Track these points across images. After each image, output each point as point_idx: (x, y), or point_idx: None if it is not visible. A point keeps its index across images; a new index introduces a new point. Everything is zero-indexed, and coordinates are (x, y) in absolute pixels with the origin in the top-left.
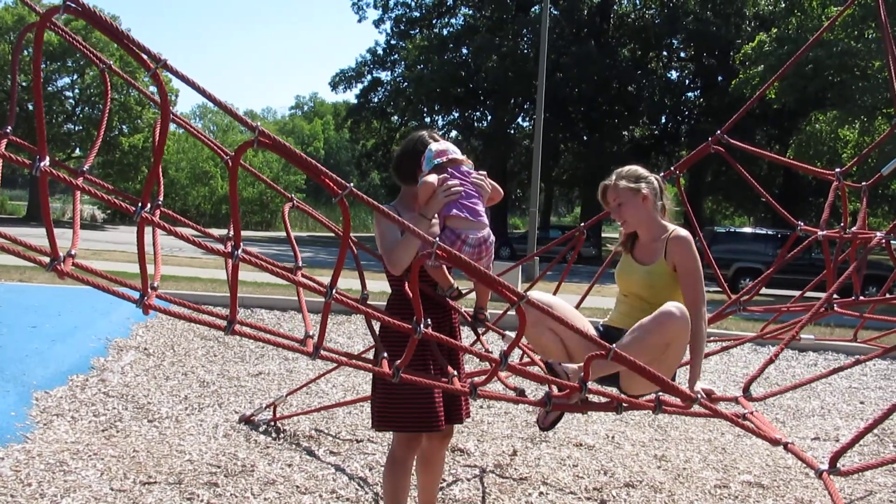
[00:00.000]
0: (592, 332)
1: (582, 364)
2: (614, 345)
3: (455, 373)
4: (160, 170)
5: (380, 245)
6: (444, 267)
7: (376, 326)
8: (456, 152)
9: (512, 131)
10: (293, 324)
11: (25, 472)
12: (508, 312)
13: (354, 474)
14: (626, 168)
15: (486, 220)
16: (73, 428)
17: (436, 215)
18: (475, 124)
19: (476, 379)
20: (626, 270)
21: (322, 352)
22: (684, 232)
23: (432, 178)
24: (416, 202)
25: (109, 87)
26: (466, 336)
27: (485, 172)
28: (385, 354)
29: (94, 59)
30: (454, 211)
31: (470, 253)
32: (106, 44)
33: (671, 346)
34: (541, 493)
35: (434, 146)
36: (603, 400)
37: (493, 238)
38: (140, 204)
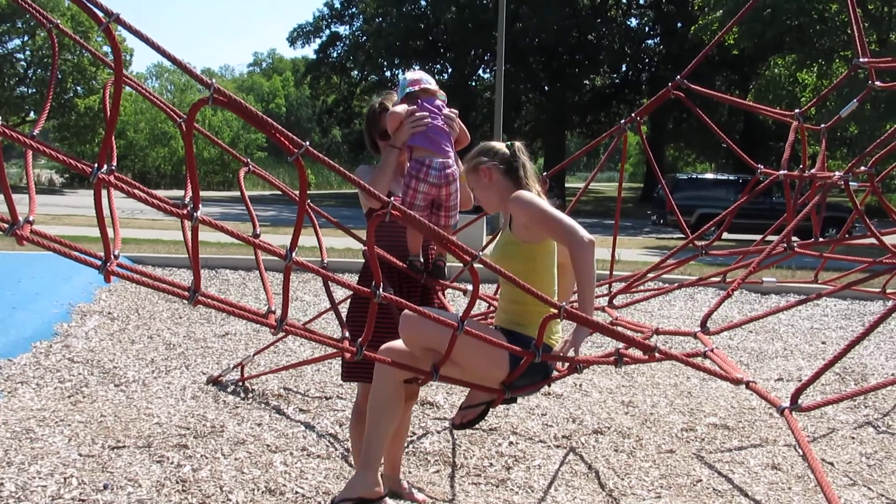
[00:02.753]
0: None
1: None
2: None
3: None
4: (113, 132)
5: (363, 201)
6: (416, 234)
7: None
8: (430, 82)
9: (473, 84)
10: (258, 283)
11: None
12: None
13: (324, 431)
14: (480, 145)
15: (451, 154)
16: (39, 395)
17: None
18: (435, 77)
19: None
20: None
21: (286, 326)
22: (517, 192)
23: (400, 108)
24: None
25: (57, 48)
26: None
27: (456, 111)
28: (347, 334)
29: (41, 19)
30: (419, 142)
31: (437, 176)
32: (56, 3)
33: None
34: (511, 442)
35: (408, 74)
36: (563, 366)
37: (457, 171)
38: (96, 165)
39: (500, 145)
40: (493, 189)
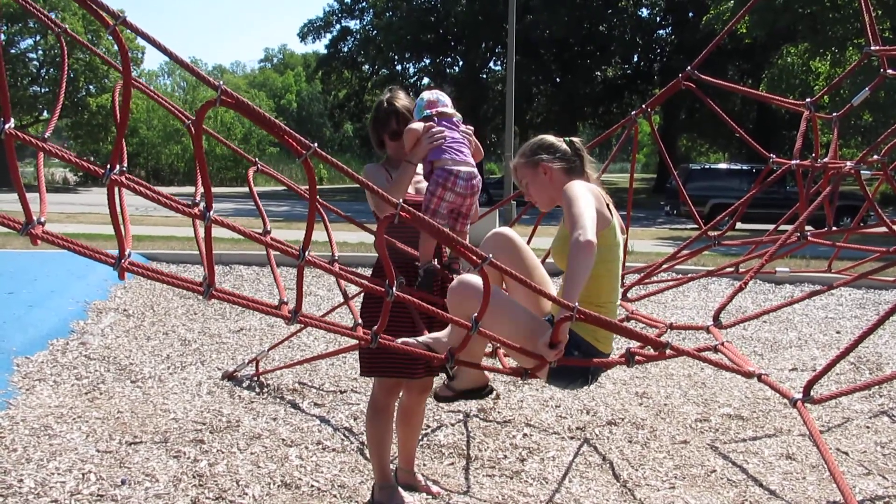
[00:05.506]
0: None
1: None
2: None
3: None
4: (124, 134)
5: (369, 199)
6: (431, 240)
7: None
8: (446, 105)
9: (484, 76)
10: (272, 279)
11: (10, 437)
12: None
13: (339, 425)
14: (529, 141)
15: (473, 163)
16: (56, 392)
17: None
18: (447, 70)
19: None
20: None
21: (300, 317)
22: (568, 183)
23: (418, 125)
24: (402, 158)
25: (69, 48)
26: None
27: (471, 128)
28: (360, 322)
29: (49, 24)
30: (439, 155)
31: (464, 186)
32: (67, 2)
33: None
34: (525, 434)
35: (426, 96)
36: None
37: (479, 179)
38: (109, 166)
39: (558, 142)
40: (550, 186)
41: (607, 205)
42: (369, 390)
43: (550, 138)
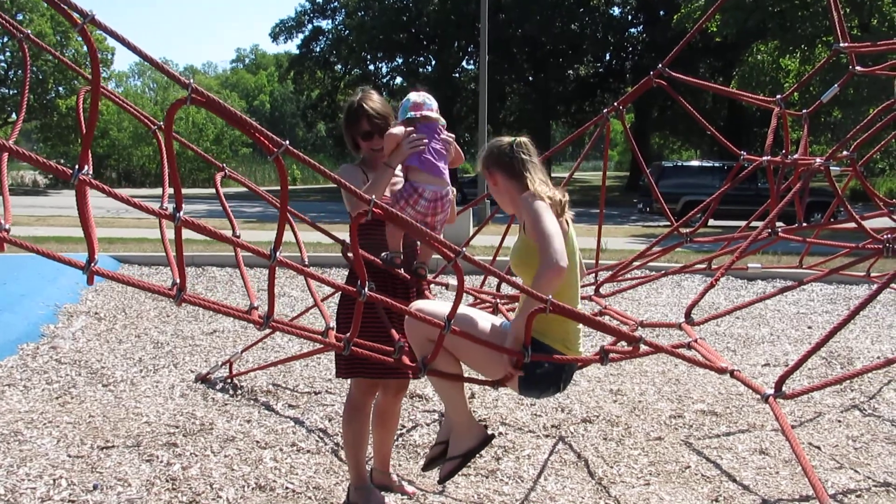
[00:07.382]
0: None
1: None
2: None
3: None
4: (93, 135)
5: (345, 199)
6: (398, 231)
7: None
8: (430, 109)
9: (457, 75)
10: None
11: None
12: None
13: (314, 426)
14: (487, 145)
15: (447, 177)
16: (27, 397)
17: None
18: (419, 70)
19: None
20: None
21: (272, 322)
22: (524, 194)
23: (398, 130)
24: (377, 158)
25: (28, 58)
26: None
27: (452, 136)
28: (332, 325)
29: (11, 30)
30: (416, 163)
31: (426, 206)
32: (36, 3)
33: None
34: (500, 433)
35: (412, 97)
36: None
37: (452, 195)
38: (77, 167)
39: (501, 146)
40: (503, 193)
41: (559, 210)
42: (344, 391)
43: (494, 143)
